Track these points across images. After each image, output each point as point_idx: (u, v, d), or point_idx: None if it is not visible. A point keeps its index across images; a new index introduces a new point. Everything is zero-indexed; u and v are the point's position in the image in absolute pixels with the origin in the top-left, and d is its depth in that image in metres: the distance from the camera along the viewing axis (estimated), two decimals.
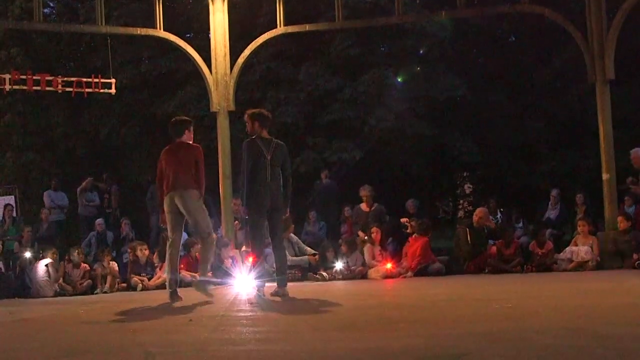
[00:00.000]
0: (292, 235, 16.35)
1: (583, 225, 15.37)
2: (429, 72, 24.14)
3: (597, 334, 5.75)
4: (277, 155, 10.72)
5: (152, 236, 18.69)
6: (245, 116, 10.99)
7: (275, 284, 10.85)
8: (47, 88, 16.98)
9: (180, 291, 10.73)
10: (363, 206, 17.41)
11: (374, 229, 16.04)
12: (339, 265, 15.56)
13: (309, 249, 16.33)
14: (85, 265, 15.42)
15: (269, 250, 16.38)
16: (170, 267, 10.68)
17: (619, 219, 15.29)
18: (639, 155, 15.83)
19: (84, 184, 19.89)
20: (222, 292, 11.95)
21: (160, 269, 15.66)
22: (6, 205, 19.51)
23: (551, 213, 17.73)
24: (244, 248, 16.15)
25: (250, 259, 15.09)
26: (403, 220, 16.99)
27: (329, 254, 15.92)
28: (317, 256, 16.03)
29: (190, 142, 10.82)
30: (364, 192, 17.56)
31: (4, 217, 18.98)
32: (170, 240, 10.67)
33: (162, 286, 14.81)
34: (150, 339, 6.60)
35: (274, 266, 11.55)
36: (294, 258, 15.84)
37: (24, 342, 6.99)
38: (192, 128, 10.93)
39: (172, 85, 24.71)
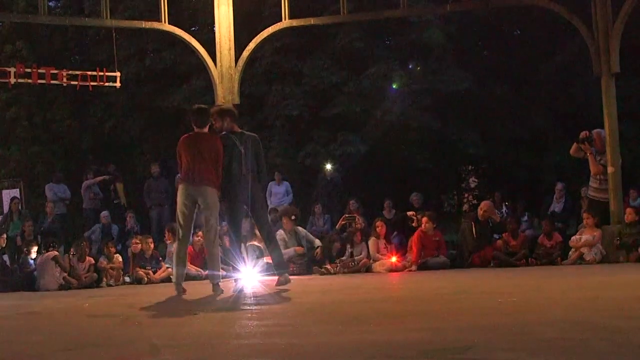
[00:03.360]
0: (299, 228, 16.33)
1: (588, 217, 15.34)
2: (434, 66, 24.11)
3: (601, 327, 5.75)
4: (250, 147, 10.73)
5: (153, 229, 18.72)
6: (213, 113, 10.97)
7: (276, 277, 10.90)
8: (52, 81, 16.96)
9: (185, 284, 10.74)
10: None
11: (378, 223, 16.05)
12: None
13: (317, 240, 16.30)
14: (90, 258, 15.43)
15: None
16: (179, 260, 10.65)
17: (628, 210, 15.25)
18: (602, 136, 15.74)
19: (97, 179, 19.85)
20: (227, 285, 11.95)
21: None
22: (13, 199, 19.54)
23: (556, 206, 17.70)
24: (249, 242, 16.14)
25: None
26: (410, 213, 16.99)
27: (334, 246, 15.92)
28: (319, 248, 16.01)
29: (210, 134, 10.75)
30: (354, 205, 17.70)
31: (10, 210, 19.01)
32: (182, 234, 10.61)
33: (167, 279, 14.85)
34: (156, 332, 6.61)
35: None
36: (285, 250, 15.80)
37: (29, 335, 7.00)
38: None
39: (177, 79, 24.75)
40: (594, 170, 15.63)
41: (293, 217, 16.14)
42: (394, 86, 23.70)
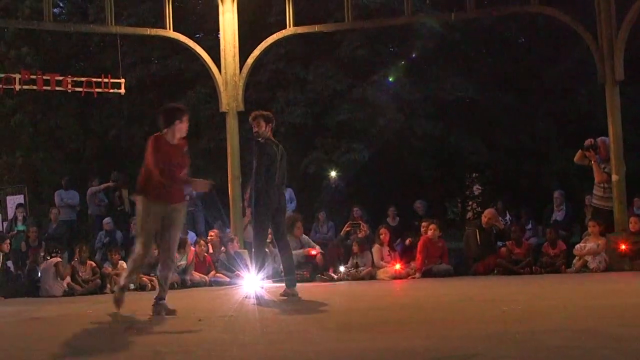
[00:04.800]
0: (303, 235, 16.32)
1: (593, 225, 15.31)
2: (439, 73, 24.12)
3: (605, 335, 5.74)
4: (283, 159, 10.79)
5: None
6: (256, 117, 10.92)
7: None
8: (57, 88, 16.98)
9: (189, 291, 10.73)
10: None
11: (382, 230, 16.05)
12: (342, 268, 15.58)
13: (317, 247, 16.29)
14: (91, 262, 15.42)
15: (276, 250, 16.44)
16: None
17: (632, 219, 15.19)
18: (606, 144, 15.73)
19: (102, 186, 19.82)
20: (231, 292, 11.96)
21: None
22: (18, 205, 19.54)
23: (557, 214, 17.64)
24: None
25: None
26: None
27: (339, 254, 15.92)
28: (319, 254, 15.97)
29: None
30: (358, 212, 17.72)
31: (15, 216, 19.02)
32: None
33: (171, 286, 14.82)
34: (160, 338, 6.62)
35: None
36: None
37: (32, 341, 7.01)
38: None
39: (182, 86, 24.76)
40: (599, 179, 15.62)
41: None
42: (390, 79, 23.71)
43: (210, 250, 16.16)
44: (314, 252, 15.67)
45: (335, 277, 15.41)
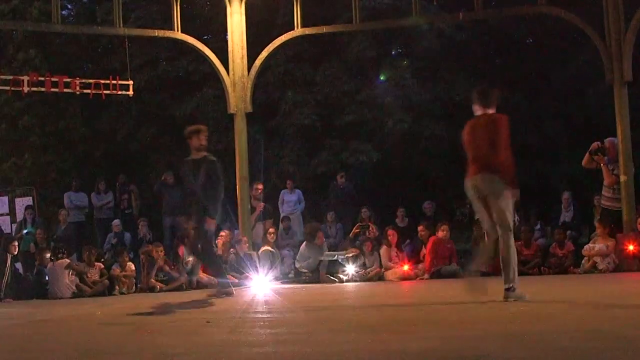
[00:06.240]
0: (324, 242, 16.42)
1: (600, 227, 15.28)
2: (447, 74, 24.10)
3: (614, 336, 5.72)
4: None
5: (166, 237, 18.70)
6: (201, 131, 11.17)
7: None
8: (65, 90, 17.03)
9: (197, 292, 10.75)
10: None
11: (390, 231, 16.05)
12: (350, 269, 15.58)
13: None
14: (99, 264, 15.43)
15: (285, 252, 16.50)
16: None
17: None
18: (615, 144, 15.69)
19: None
20: (239, 293, 11.96)
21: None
22: (27, 207, 19.58)
23: (565, 216, 17.62)
24: (262, 248, 16.17)
25: None
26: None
27: (349, 255, 15.93)
28: (356, 251, 16.03)
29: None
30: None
31: (24, 218, 19.05)
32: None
33: (179, 288, 14.86)
34: (168, 340, 6.61)
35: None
36: (330, 252, 15.90)
37: (41, 342, 7.01)
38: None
39: (190, 87, 24.78)
40: (608, 181, 15.57)
41: None
42: (381, 78, 23.69)
43: (220, 252, 16.18)
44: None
45: (344, 278, 15.41)
